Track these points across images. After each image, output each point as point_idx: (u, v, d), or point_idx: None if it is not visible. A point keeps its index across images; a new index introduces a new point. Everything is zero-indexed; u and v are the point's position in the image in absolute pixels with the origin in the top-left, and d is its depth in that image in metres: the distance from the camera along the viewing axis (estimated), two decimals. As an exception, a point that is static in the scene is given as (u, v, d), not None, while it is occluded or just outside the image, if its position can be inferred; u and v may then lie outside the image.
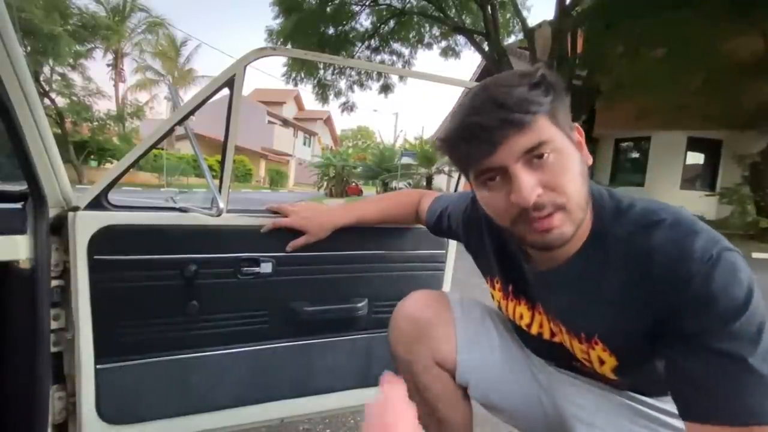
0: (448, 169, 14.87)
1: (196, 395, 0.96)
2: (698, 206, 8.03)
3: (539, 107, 0.50)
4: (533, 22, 11.28)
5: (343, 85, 13.53)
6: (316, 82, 13.21)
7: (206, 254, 0.92)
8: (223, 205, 0.87)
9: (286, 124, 29.76)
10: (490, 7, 10.15)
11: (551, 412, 0.76)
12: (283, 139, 28.51)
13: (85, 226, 0.81)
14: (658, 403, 0.66)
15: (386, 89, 13.55)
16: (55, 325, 0.83)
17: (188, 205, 0.91)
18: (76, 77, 14.96)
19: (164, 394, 0.93)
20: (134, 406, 0.91)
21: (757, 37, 6.43)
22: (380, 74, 13.21)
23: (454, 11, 11.71)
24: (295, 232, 0.98)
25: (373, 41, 12.66)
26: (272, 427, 1.28)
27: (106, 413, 0.88)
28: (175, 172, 15.99)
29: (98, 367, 0.86)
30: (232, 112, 0.87)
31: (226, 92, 0.86)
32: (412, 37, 12.92)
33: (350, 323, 1.09)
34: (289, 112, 33.10)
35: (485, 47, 10.86)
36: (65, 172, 0.81)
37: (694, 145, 10.19)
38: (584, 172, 0.55)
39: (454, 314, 0.83)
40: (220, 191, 0.88)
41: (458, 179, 1.39)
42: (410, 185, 16.15)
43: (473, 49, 11.43)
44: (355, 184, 18.66)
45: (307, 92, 42.60)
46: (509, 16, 11.89)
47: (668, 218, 0.52)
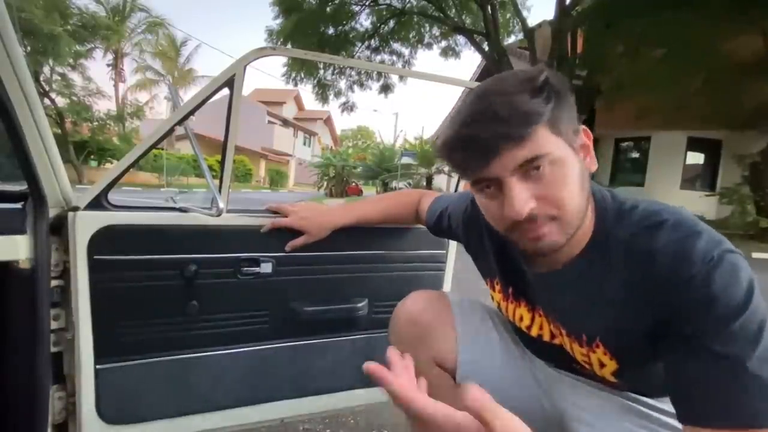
0: (448, 169, 14.81)
1: (196, 395, 0.95)
2: (698, 206, 8.02)
3: (539, 118, 0.49)
4: (533, 22, 11.33)
5: (343, 85, 13.58)
6: (316, 82, 13.22)
7: (206, 254, 0.91)
8: (223, 205, 0.87)
9: (286, 124, 29.75)
10: (490, 7, 10.16)
11: (551, 413, 0.76)
12: (283, 139, 28.51)
13: (85, 226, 0.81)
14: (658, 403, 0.66)
15: (386, 89, 13.56)
16: (55, 325, 0.83)
17: (188, 205, 0.91)
18: (76, 77, 15.03)
19: (164, 394, 0.93)
20: (134, 406, 0.91)
21: (757, 36, 6.43)
22: (380, 74, 13.22)
23: (454, 11, 11.71)
24: (294, 232, 0.98)
25: (373, 41, 12.67)
26: (272, 427, 1.28)
27: (105, 413, 0.88)
28: (175, 172, 15.98)
29: (98, 367, 0.86)
30: (232, 112, 0.87)
31: (226, 92, 0.86)
32: (412, 37, 12.93)
33: (350, 323, 1.09)
34: (289, 112, 33.10)
35: (485, 47, 10.87)
36: (65, 172, 0.81)
37: (694, 145, 10.19)
38: (584, 178, 0.55)
39: (454, 314, 0.83)
40: (220, 191, 0.88)
41: (458, 179, 1.39)
42: (410, 185, 16.13)
43: (473, 49, 11.45)
44: (355, 184, 18.64)
45: (307, 92, 42.61)
46: (509, 16, 11.91)
47: (670, 219, 0.52)
